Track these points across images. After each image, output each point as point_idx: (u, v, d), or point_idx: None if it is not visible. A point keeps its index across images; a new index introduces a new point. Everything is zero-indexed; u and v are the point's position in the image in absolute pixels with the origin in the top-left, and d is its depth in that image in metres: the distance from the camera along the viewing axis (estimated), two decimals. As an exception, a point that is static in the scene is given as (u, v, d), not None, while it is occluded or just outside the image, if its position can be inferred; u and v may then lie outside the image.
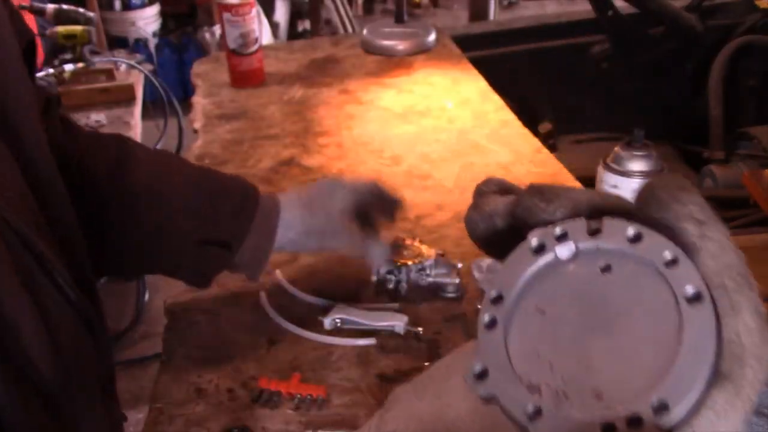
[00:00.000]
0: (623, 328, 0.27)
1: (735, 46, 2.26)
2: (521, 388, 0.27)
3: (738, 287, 0.27)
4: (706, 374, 0.24)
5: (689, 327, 0.25)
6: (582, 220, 0.29)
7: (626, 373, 0.26)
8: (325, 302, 0.96)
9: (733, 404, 0.26)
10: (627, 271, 0.28)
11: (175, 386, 0.85)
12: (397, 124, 1.46)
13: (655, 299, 0.27)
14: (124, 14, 4.24)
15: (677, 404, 0.24)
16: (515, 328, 0.29)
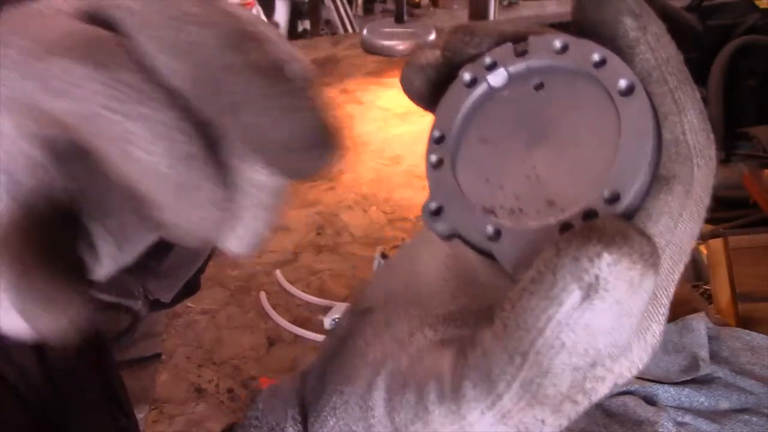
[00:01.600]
0: (563, 135, 0.27)
1: (735, 46, 2.26)
2: (477, 214, 0.27)
3: (680, 84, 0.26)
4: (649, 156, 0.25)
5: (625, 117, 0.25)
6: (508, 45, 0.29)
7: (574, 175, 0.26)
8: (325, 302, 0.96)
9: (685, 205, 0.26)
10: (559, 82, 0.28)
11: (175, 386, 0.85)
12: (397, 124, 1.46)
13: (590, 100, 0.27)
14: (124, 14, 4.24)
15: (627, 192, 0.24)
16: (462, 162, 0.30)
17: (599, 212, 0.25)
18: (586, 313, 0.21)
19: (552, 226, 0.25)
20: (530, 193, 0.27)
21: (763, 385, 0.80)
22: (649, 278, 0.21)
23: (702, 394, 0.79)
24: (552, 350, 0.21)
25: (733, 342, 0.87)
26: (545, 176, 0.27)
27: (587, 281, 0.21)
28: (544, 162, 0.27)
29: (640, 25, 0.27)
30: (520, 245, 0.26)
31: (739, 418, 0.77)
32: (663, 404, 0.78)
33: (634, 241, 0.21)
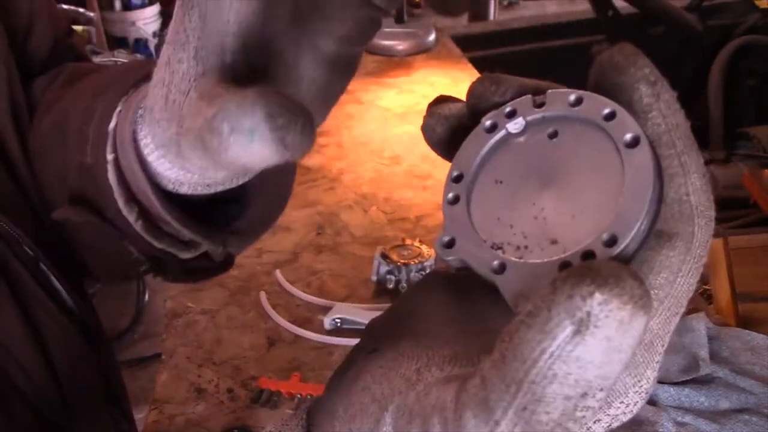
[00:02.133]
0: (571, 181, 0.30)
1: (735, 46, 2.26)
2: (486, 248, 0.30)
3: (686, 148, 0.29)
4: (647, 205, 0.27)
5: (628, 167, 0.28)
6: (528, 96, 0.32)
7: (578, 218, 0.28)
8: (325, 302, 0.96)
9: (685, 261, 0.27)
10: (571, 132, 0.31)
11: (175, 386, 0.85)
12: (397, 124, 1.46)
13: (598, 150, 0.29)
14: (124, 14, 4.23)
15: (624, 236, 0.26)
16: (476, 201, 0.32)
17: (597, 254, 0.27)
18: (578, 347, 0.23)
19: (552, 263, 0.28)
20: (537, 233, 0.29)
21: (763, 385, 0.80)
22: (639, 319, 0.23)
23: (702, 394, 0.79)
24: (545, 380, 0.23)
25: (733, 342, 0.87)
26: (552, 218, 0.29)
27: (579, 317, 0.22)
28: (552, 205, 0.30)
29: (654, 92, 0.30)
30: (522, 279, 0.28)
31: (739, 418, 0.77)
32: (663, 404, 0.78)
33: (626, 283, 0.23)
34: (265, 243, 1.10)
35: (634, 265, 0.27)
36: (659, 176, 0.28)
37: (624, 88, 0.29)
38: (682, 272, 0.27)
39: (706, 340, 0.85)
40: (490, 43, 2.22)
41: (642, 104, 0.29)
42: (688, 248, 0.28)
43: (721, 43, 2.28)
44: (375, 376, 0.30)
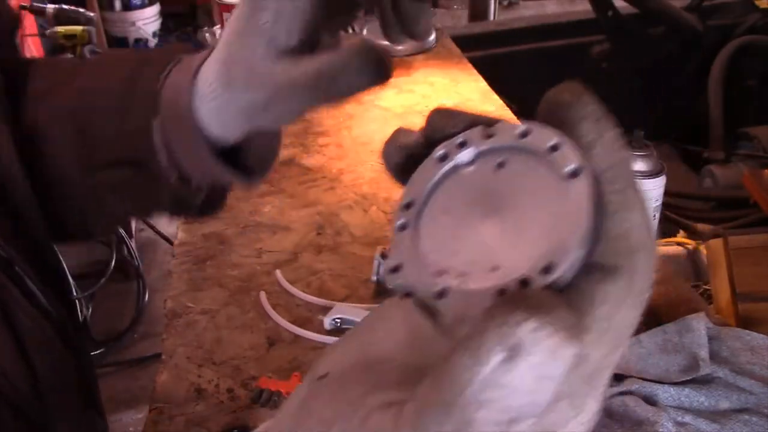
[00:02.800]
0: (515, 209, 0.31)
1: (735, 46, 2.26)
2: (429, 274, 0.31)
3: (627, 184, 0.30)
4: (583, 234, 0.27)
5: (568, 197, 0.29)
6: (480, 127, 0.33)
7: (518, 246, 0.29)
8: (325, 302, 0.96)
9: (627, 295, 0.28)
10: (517, 162, 0.32)
11: (175, 386, 0.85)
12: (397, 124, 1.45)
13: (541, 180, 0.30)
14: (124, 14, 4.24)
15: (560, 265, 0.27)
16: (424, 228, 0.33)
17: (533, 281, 0.27)
18: (508, 373, 0.23)
19: (490, 289, 0.28)
20: (480, 260, 0.30)
21: (763, 385, 0.80)
22: (569, 347, 0.24)
23: (702, 394, 0.79)
24: (475, 404, 0.23)
25: (733, 342, 0.87)
26: (495, 245, 0.30)
27: (510, 344, 0.23)
28: (496, 232, 0.30)
29: (597, 130, 0.30)
30: (461, 305, 0.29)
31: (739, 418, 0.77)
32: (663, 404, 0.78)
33: (557, 311, 0.24)
34: (265, 243, 1.10)
35: (577, 298, 0.27)
36: (599, 207, 0.28)
37: (569, 124, 0.31)
38: (624, 305, 0.28)
39: (706, 340, 0.85)
40: (490, 43, 2.22)
41: (586, 140, 0.30)
42: (630, 282, 0.28)
43: (721, 43, 2.28)
44: (322, 401, 0.30)
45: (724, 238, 1.21)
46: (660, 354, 0.86)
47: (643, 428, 0.75)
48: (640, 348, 0.87)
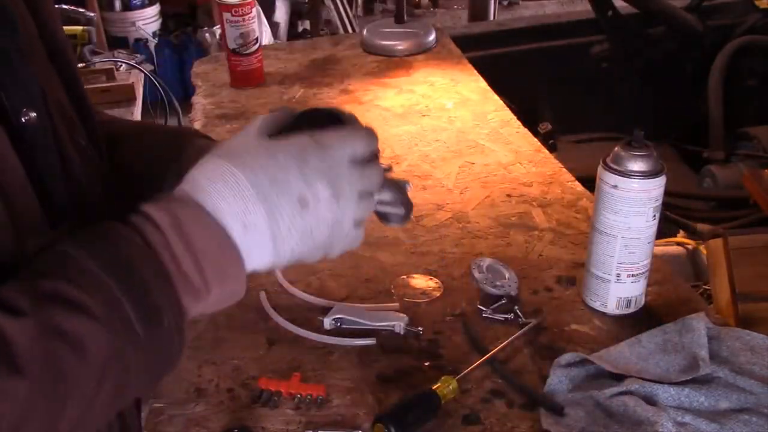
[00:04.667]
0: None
1: (735, 46, 2.26)
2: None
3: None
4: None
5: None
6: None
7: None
8: (325, 302, 0.96)
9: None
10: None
11: (175, 386, 0.85)
12: (397, 124, 1.46)
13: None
14: (124, 14, 4.24)
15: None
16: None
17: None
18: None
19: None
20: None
21: (763, 385, 0.80)
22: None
23: (702, 394, 0.79)
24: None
25: (733, 342, 0.87)
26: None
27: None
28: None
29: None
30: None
31: (739, 418, 0.77)
32: (663, 404, 0.78)
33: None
34: (265, 243, 1.10)
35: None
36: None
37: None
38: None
39: (706, 340, 0.85)
40: (490, 43, 2.22)
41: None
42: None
43: (721, 43, 2.28)
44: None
45: (724, 238, 1.21)
46: (660, 354, 0.86)
47: (643, 428, 0.75)
48: (640, 348, 0.87)
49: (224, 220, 0.55)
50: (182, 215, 0.54)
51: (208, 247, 0.55)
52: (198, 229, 0.54)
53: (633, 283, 0.92)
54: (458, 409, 0.81)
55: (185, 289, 0.54)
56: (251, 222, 0.56)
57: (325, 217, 0.59)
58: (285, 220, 0.57)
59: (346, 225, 0.60)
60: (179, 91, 3.57)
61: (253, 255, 0.57)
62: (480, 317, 0.94)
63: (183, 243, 0.53)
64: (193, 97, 1.64)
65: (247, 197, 0.56)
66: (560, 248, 1.08)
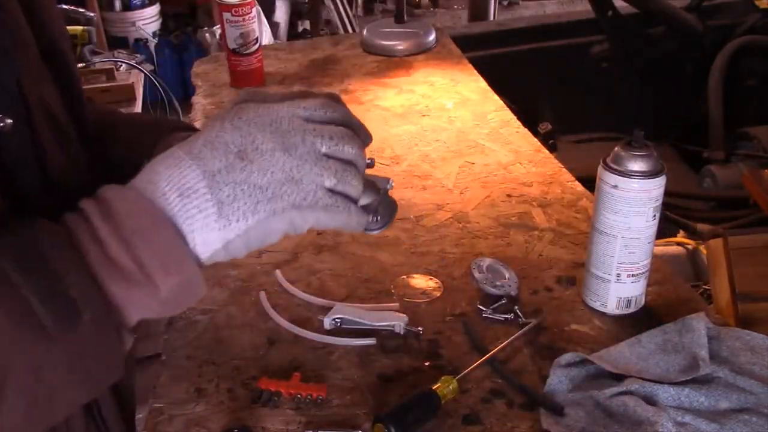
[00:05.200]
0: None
1: (735, 46, 2.26)
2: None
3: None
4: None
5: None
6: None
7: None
8: (325, 302, 0.96)
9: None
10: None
11: (175, 386, 0.85)
12: (397, 124, 1.46)
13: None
14: (124, 14, 4.24)
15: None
16: None
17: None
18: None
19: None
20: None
21: (763, 385, 0.80)
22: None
23: (702, 394, 0.79)
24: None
25: (733, 342, 0.87)
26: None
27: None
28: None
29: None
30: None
31: (739, 418, 0.77)
32: (663, 404, 0.78)
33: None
34: (265, 243, 1.09)
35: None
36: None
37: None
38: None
39: (706, 340, 0.85)
40: (490, 43, 2.22)
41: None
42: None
43: (721, 43, 2.28)
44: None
45: (724, 238, 1.21)
46: (660, 354, 0.86)
47: (643, 428, 0.75)
48: (640, 348, 0.87)
49: (158, 192, 0.50)
50: (111, 198, 0.50)
51: (141, 227, 0.49)
52: (126, 208, 0.49)
53: (633, 283, 0.92)
54: (458, 409, 0.81)
55: (113, 276, 0.48)
56: (187, 186, 0.50)
57: (272, 170, 0.52)
58: (223, 175, 0.51)
59: (307, 184, 0.53)
60: (179, 91, 3.57)
61: (197, 224, 0.51)
62: (480, 317, 0.94)
63: (109, 226, 0.48)
64: (193, 97, 1.64)
65: (182, 163, 0.51)
66: (560, 248, 1.08)
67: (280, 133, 0.53)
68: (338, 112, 0.57)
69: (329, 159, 0.54)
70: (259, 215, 0.52)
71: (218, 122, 0.54)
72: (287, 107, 0.55)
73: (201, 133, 0.54)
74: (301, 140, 0.53)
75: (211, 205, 0.51)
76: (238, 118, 0.53)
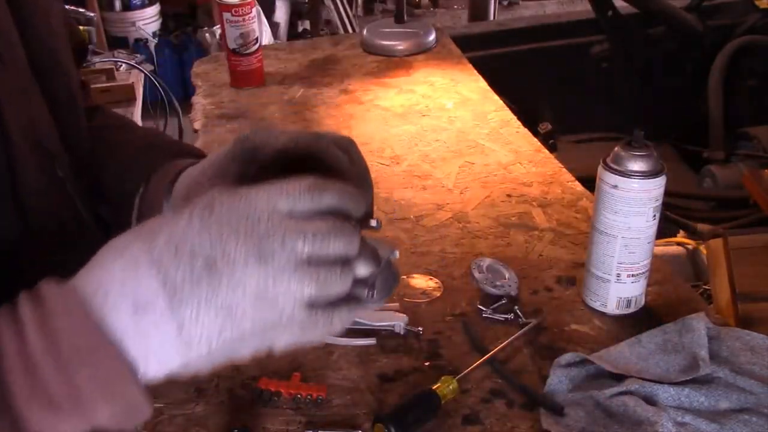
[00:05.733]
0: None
1: (735, 46, 2.26)
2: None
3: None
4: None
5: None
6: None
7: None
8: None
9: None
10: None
11: (175, 386, 0.85)
12: (397, 124, 1.46)
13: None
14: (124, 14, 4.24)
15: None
16: None
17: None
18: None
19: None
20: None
21: (763, 385, 0.80)
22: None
23: (702, 394, 0.79)
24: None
25: (733, 342, 0.87)
26: None
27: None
28: None
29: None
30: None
31: (739, 418, 0.77)
32: (663, 404, 0.78)
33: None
34: (265, 243, 1.09)
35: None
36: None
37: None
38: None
39: (706, 340, 0.85)
40: (490, 43, 2.22)
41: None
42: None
43: (721, 43, 2.28)
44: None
45: (724, 238, 1.21)
46: (660, 354, 0.86)
47: (643, 428, 0.75)
48: (640, 348, 0.87)
49: (108, 305, 0.42)
50: (53, 307, 0.42)
51: (82, 347, 0.42)
52: (67, 324, 0.42)
53: (633, 283, 0.92)
54: (458, 409, 0.81)
55: (38, 400, 0.41)
56: (143, 299, 0.42)
57: (245, 284, 0.43)
58: (186, 289, 0.42)
59: (282, 301, 0.44)
60: (179, 91, 3.57)
61: (152, 345, 0.43)
62: (480, 317, 0.94)
63: (45, 342, 0.41)
64: (193, 97, 1.64)
65: (139, 267, 0.43)
66: (560, 248, 1.08)
67: (255, 236, 0.43)
68: (328, 194, 0.46)
69: (311, 265, 0.44)
70: (225, 338, 0.44)
71: (186, 215, 0.44)
72: (267, 198, 0.44)
73: (165, 224, 0.44)
74: (280, 245, 0.43)
75: (171, 324, 0.43)
76: (209, 212, 0.44)
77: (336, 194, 0.46)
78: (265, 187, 0.45)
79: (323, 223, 0.45)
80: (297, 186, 0.45)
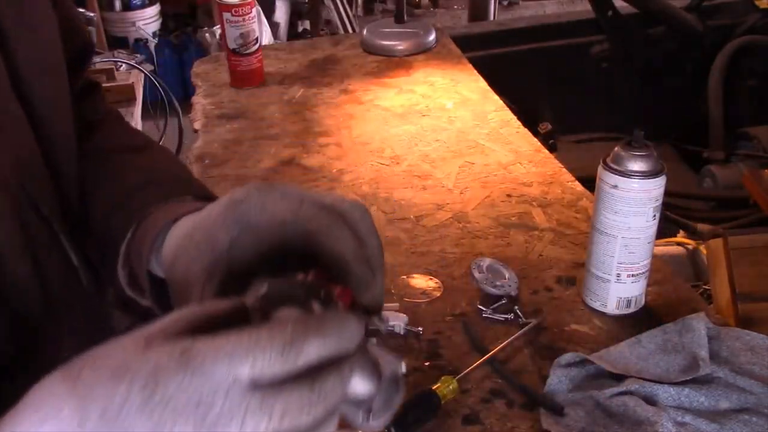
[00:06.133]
0: None
1: (735, 46, 2.26)
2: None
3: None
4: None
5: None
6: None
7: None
8: (325, 302, 0.96)
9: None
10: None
11: None
12: (397, 124, 1.46)
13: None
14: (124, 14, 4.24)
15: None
16: None
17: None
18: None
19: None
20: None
21: (763, 385, 0.80)
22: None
23: (702, 394, 0.79)
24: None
25: (733, 342, 0.87)
26: None
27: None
28: None
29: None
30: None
31: (739, 418, 0.77)
32: (663, 404, 0.78)
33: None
34: (265, 243, 1.09)
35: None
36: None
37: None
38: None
39: (706, 340, 0.85)
40: (490, 43, 2.22)
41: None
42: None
43: (721, 43, 2.28)
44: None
45: (724, 238, 1.21)
46: (660, 354, 0.86)
47: (643, 428, 0.75)
48: (640, 348, 0.87)
49: None
50: None
51: None
52: None
53: (633, 283, 0.92)
54: (458, 409, 0.81)
55: None
56: None
57: None
58: None
59: None
60: (179, 91, 3.57)
61: None
62: (480, 317, 0.94)
63: None
64: (193, 97, 1.64)
65: None
66: (560, 248, 1.08)
67: (208, 421, 0.34)
68: (313, 346, 0.36)
69: None
70: None
71: (127, 380, 0.34)
72: (227, 366, 0.34)
73: (102, 384, 0.35)
74: (238, 429, 0.34)
75: None
76: (151, 389, 0.34)
77: (322, 341, 0.36)
78: (227, 347, 0.34)
79: (297, 394, 0.35)
80: (269, 346, 0.35)
